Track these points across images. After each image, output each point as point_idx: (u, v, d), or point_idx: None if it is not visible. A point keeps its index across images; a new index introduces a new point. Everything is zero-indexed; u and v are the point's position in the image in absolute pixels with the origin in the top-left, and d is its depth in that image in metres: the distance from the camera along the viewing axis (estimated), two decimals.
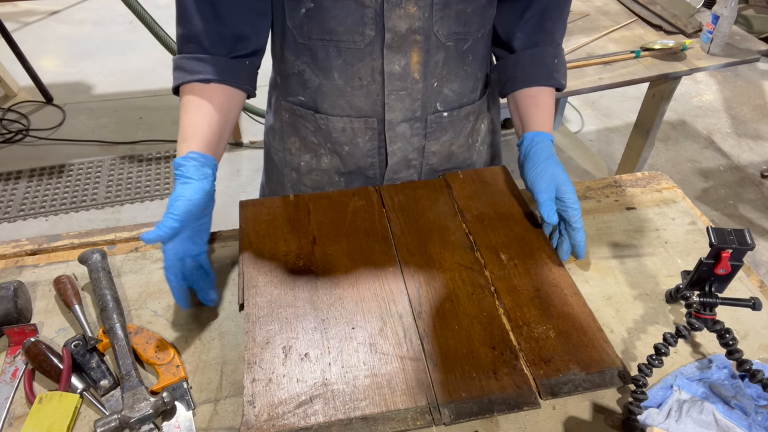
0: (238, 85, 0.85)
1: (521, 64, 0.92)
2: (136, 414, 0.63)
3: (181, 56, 0.82)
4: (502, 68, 0.96)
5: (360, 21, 0.81)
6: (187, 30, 0.81)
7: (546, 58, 0.91)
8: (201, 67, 0.81)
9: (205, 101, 0.81)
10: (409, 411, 0.64)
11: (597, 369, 0.68)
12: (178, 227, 0.71)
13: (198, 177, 0.75)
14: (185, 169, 0.75)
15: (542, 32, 0.91)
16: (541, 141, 0.87)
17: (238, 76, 0.84)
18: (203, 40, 0.81)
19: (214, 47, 0.81)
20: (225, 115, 0.84)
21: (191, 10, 0.79)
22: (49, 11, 3.94)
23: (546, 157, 0.85)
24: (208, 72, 0.81)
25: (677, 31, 1.93)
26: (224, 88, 0.83)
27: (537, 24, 0.90)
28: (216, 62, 0.82)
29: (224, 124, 0.83)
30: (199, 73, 0.81)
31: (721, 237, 0.67)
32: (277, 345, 0.70)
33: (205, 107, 0.81)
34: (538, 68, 0.91)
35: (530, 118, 0.90)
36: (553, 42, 0.92)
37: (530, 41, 0.91)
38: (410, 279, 0.79)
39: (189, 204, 0.73)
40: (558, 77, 0.92)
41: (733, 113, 3.17)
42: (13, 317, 0.75)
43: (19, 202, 2.46)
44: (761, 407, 0.67)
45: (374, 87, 0.87)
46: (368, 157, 0.96)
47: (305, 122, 0.95)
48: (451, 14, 0.83)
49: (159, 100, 3.11)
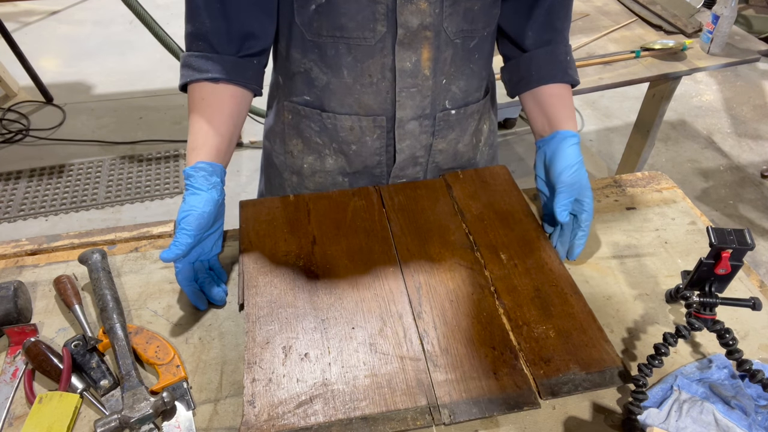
0: (246, 85, 0.85)
1: (535, 62, 0.92)
2: (136, 414, 0.63)
3: (189, 54, 0.82)
4: (514, 68, 0.96)
5: (371, 17, 0.81)
6: (196, 28, 0.81)
7: (560, 55, 0.92)
8: (210, 65, 0.81)
9: (214, 104, 0.82)
10: (409, 411, 0.64)
11: (597, 368, 0.68)
12: (193, 242, 0.74)
13: (207, 187, 0.77)
14: (194, 179, 0.77)
15: (553, 30, 0.92)
16: (574, 142, 0.87)
17: (247, 75, 0.85)
18: (212, 38, 0.81)
19: (223, 46, 0.82)
20: (235, 118, 0.85)
21: (200, 8, 0.80)
22: (49, 11, 3.94)
23: (579, 160, 0.85)
24: (217, 71, 0.81)
25: (677, 31, 1.93)
26: (233, 87, 0.84)
27: (547, 22, 0.91)
28: (225, 61, 0.82)
29: (234, 128, 0.84)
30: (208, 71, 0.81)
31: (721, 237, 0.67)
32: (277, 345, 0.70)
33: (215, 112, 0.82)
34: (554, 65, 0.92)
35: (558, 116, 0.90)
36: (564, 39, 0.93)
37: (542, 39, 0.92)
38: (410, 279, 0.79)
39: (200, 217, 0.75)
40: (572, 74, 0.93)
41: (733, 113, 3.17)
42: (13, 317, 0.75)
43: (19, 202, 2.46)
44: (761, 407, 0.67)
45: (384, 84, 0.87)
46: (376, 156, 0.96)
47: (310, 122, 0.95)
48: (460, 11, 0.84)
49: (159, 100, 3.11)
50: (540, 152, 0.92)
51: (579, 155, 0.86)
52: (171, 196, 2.52)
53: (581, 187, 0.84)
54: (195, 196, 0.76)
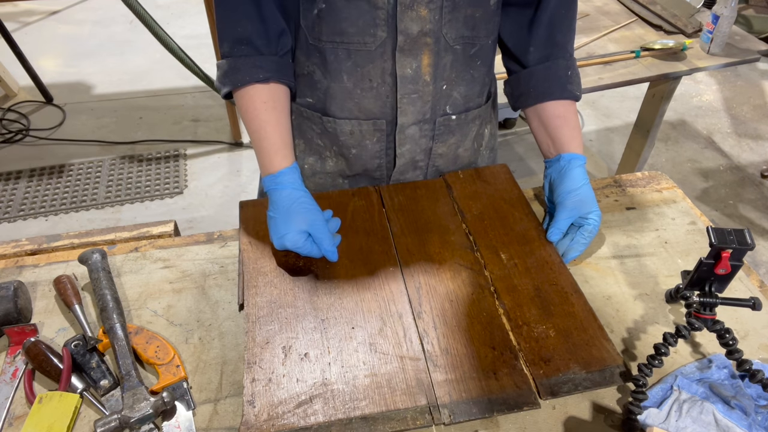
0: (289, 82, 0.87)
1: (534, 79, 0.92)
2: (136, 414, 0.63)
3: (233, 59, 0.83)
4: (515, 83, 0.96)
5: (372, 22, 0.81)
6: (238, 33, 0.82)
7: (559, 71, 0.91)
8: (259, 67, 0.83)
9: (278, 105, 0.85)
10: (409, 411, 0.64)
11: (597, 367, 0.68)
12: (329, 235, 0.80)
13: (302, 186, 0.82)
14: (289, 179, 0.82)
15: (554, 45, 0.91)
16: (578, 165, 0.88)
17: (289, 73, 0.87)
18: (255, 40, 0.82)
19: (265, 47, 0.83)
20: (290, 115, 0.89)
21: (237, 13, 0.81)
22: (49, 11, 3.94)
23: (582, 183, 0.86)
24: (267, 71, 0.83)
25: (677, 31, 1.93)
26: (282, 86, 0.86)
27: (548, 37, 0.90)
28: (271, 61, 0.83)
29: (290, 123, 0.88)
30: (258, 73, 0.82)
31: (721, 237, 0.67)
32: (277, 345, 0.70)
33: (280, 112, 0.85)
34: (553, 81, 0.91)
35: (562, 138, 0.91)
36: (566, 53, 0.92)
37: (543, 55, 0.92)
38: (410, 279, 0.79)
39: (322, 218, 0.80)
40: (572, 89, 0.92)
41: (733, 113, 3.17)
42: (13, 317, 0.75)
43: (19, 202, 2.46)
44: (761, 407, 0.67)
45: (384, 89, 0.88)
46: (375, 159, 0.96)
47: (311, 124, 0.95)
48: (460, 17, 0.84)
49: (159, 100, 3.10)
50: (546, 172, 0.93)
51: (583, 178, 0.87)
52: (171, 196, 2.52)
53: (585, 206, 0.84)
54: (305, 197, 0.81)
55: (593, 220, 0.83)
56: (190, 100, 3.10)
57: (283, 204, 0.79)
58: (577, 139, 0.91)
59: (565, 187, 0.86)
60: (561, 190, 0.87)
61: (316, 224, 0.79)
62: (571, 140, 0.90)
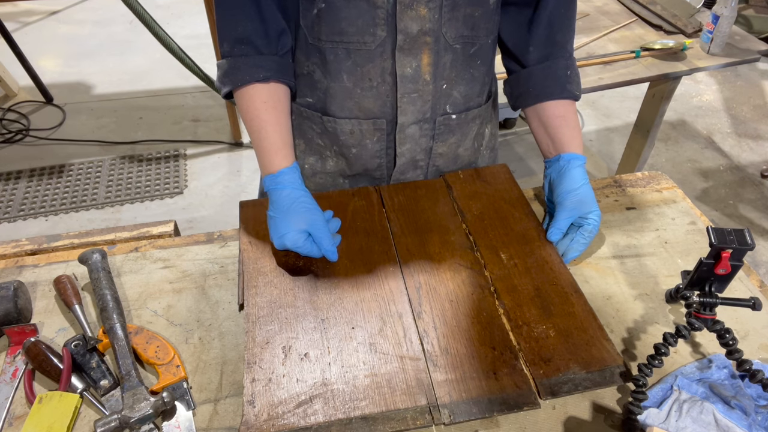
0: (289, 82, 0.87)
1: (534, 79, 0.92)
2: (136, 414, 0.63)
3: (233, 58, 0.83)
4: (514, 82, 0.96)
5: (371, 22, 0.81)
6: (238, 32, 0.82)
7: (558, 71, 0.91)
8: (259, 67, 0.83)
9: (278, 105, 0.84)
10: (409, 411, 0.64)
11: (597, 367, 0.68)
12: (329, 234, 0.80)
13: (302, 186, 0.82)
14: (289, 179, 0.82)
15: (554, 45, 0.91)
16: (578, 165, 0.88)
17: (289, 72, 0.87)
18: (255, 40, 0.82)
19: (265, 46, 0.83)
20: (290, 114, 0.89)
21: (237, 12, 0.81)
22: (49, 11, 3.94)
23: (581, 183, 0.86)
24: (267, 70, 0.83)
25: (677, 31, 1.93)
26: (282, 86, 0.86)
27: (547, 36, 0.90)
28: (271, 61, 0.83)
29: (290, 123, 0.88)
30: (258, 73, 0.82)
31: (721, 237, 0.67)
32: (277, 345, 0.70)
33: (280, 112, 0.85)
34: (552, 81, 0.91)
35: (562, 138, 0.91)
36: (566, 53, 0.92)
37: (542, 55, 0.91)
38: (410, 279, 0.79)
39: (322, 218, 0.80)
40: (571, 88, 0.92)
41: (733, 113, 3.17)
42: (13, 317, 0.75)
43: (19, 202, 2.46)
44: (761, 407, 0.67)
45: (384, 88, 0.88)
46: (376, 158, 0.96)
47: (312, 124, 0.95)
48: (459, 17, 0.84)
49: (159, 100, 3.11)
50: (546, 172, 0.93)
51: (583, 178, 0.87)
52: (171, 196, 2.52)
53: (585, 206, 0.84)
54: (305, 195, 0.81)
55: (593, 220, 0.84)
56: (190, 100, 3.10)
57: (283, 204, 0.79)
58: (576, 139, 0.91)
59: (565, 187, 0.87)
60: (561, 190, 0.87)
61: (316, 224, 0.78)
62: (571, 140, 0.91)
